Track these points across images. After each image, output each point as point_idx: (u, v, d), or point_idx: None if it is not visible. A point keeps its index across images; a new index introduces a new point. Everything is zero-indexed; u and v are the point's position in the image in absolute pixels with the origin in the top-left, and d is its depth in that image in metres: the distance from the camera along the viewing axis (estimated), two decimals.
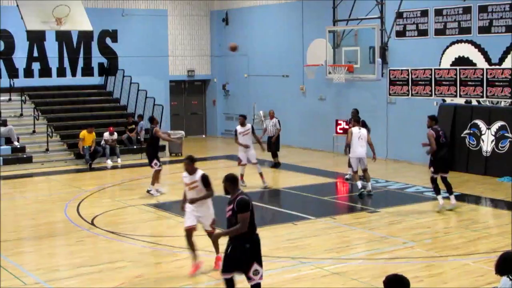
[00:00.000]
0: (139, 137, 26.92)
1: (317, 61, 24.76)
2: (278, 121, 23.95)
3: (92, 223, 15.66)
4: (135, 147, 26.75)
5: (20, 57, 29.59)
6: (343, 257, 12.49)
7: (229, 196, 9.14)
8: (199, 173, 11.65)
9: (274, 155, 23.61)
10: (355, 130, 18.29)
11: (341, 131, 25.50)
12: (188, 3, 33.17)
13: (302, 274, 11.56)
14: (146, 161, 19.96)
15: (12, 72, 29.24)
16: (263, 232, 14.16)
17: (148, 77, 30.97)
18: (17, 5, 26.15)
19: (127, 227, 15.44)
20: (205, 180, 11.59)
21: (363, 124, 19.62)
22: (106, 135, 25.72)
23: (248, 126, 19.82)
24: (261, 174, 19.66)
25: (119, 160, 25.56)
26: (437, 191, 16.28)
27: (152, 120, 19.97)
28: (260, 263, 8.92)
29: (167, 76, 32.76)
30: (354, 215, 16.42)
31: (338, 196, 19.58)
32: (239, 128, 19.72)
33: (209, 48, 33.94)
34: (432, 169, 16.20)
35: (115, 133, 25.97)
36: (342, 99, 26.35)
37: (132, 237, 14.30)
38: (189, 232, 11.72)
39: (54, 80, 30.09)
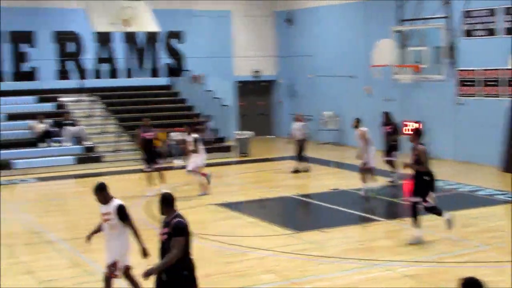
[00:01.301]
0: (206, 138, 27.12)
1: (383, 61, 24.59)
2: (305, 124, 23.49)
3: (160, 222, 15.80)
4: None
5: (89, 59, 30.15)
6: (414, 260, 12.35)
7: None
8: (114, 202, 9.76)
9: (301, 159, 22.99)
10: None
11: (408, 132, 25.27)
12: (252, 3, 33.29)
13: (373, 276, 11.48)
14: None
15: (82, 74, 29.82)
16: (333, 233, 14.23)
17: (214, 78, 31.18)
18: (86, 8, 26.68)
19: (196, 226, 15.48)
20: (121, 211, 9.69)
21: (395, 127, 20.01)
22: (174, 135, 25.98)
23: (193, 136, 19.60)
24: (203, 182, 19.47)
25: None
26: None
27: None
28: None
29: (232, 76, 32.93)
30: (425, 218, 16.19)
31: (407, 198, 19.33)
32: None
33: (274, 49, 33.98)
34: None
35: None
36: (408, 100, 26.05)
37: (201, 236, 14.41)
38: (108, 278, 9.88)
39: (122, 81, 30.59)
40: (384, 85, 26.42)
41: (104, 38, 30.22)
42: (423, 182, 13.17)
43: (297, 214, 17.63)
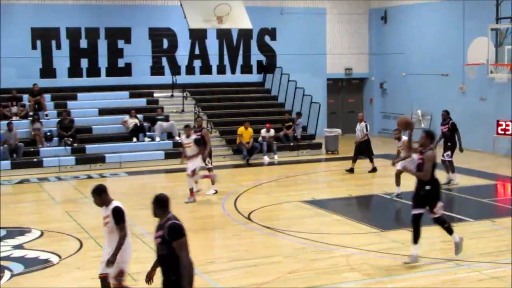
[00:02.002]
0: (296, 135, 27.17)
1: (478, 60, 24.02)
2: (366, 125, 23.00)
3: (249, 218, 15.93)
4: (291, 144, 27.01)
5: (182, 55, 30.59)
6: (502, 261, 12.01)
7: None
8: (112, 205, 9.42)
9: (371, 159, 22.64)
10: None
11: (503, 132, 24.63)
12: (349, 2, 33.06)
13: (459, 277, 11.24)
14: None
15: (175, 69, 30.29)
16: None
17: (305, 75, 31.15)
18: (181, 5, 27.10)
19: (283, 222, 15.60)
20: (116, 214, 9.35)
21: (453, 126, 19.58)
22: (263, 131, 26.10)
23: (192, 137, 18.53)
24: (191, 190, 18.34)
25: (275, 156, 25.86)
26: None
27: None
28: None
29: (324, 74, 32.81)
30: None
31: (499, 199, 18.87)
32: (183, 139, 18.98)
33: (366, 46, 33.67)
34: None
35: (272, 130, 26.28)
36: (504, 99, 25.33)
37: (288, 232, 14.42)
38: (102, 281, 9.53)
39: (214, 77, 30.90)
40: (478, 83, 25.81)
41: (198, 35, 30.59)
42: (424, 192, 11.78)
43: (384, 212, 17.41)
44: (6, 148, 23.85)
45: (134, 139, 26.02)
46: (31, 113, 26.21)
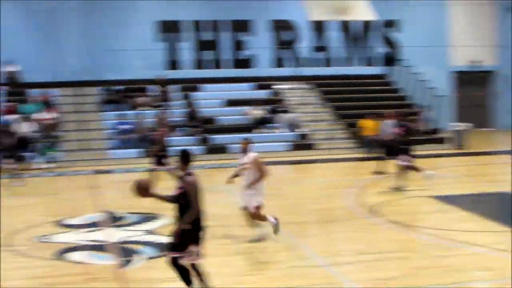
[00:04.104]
0: (420, 128, 26.66)
1: None
2: (395, 123, 21.88)
3: (373, 211, 15.79)
4: (416, 138, 26.52)
5: (304, 47, 30.64)
6: None
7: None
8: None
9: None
10: None
11: None
12: None
13: None
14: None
15: (297, 61, 30.37)
16: None
17: (429, 67, 30.55)
18: None
19: (408, 217, 15.35)
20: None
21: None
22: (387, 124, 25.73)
23: None
24: None
25: None
26: None
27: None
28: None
29: (449, 66, 32.07)
30: None
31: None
32: None
33: (493, 38, 32.63)
34: None
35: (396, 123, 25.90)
36: None
37: (413, 227, 14.20)
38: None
39: (337, 70, 30.79)
40: None
41: (319, 27, 30.54)
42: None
43: None
44: (137, 136, 24.67)
45: (257, 131, 26.27)
46: (158, 104, 26.93)
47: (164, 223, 14.70)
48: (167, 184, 14.13)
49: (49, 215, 15.28)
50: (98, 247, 12.83)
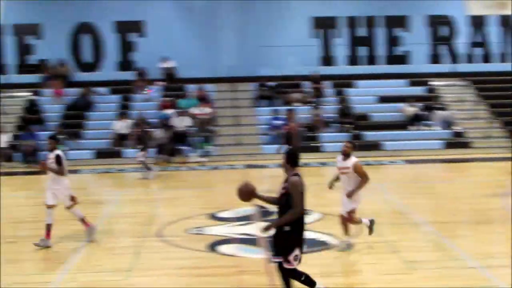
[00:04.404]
0: None
1: None
2: None
3: None
4: None
5: (462, 43, 29.84)
6: None
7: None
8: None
9: None
10: None
11: None
12: None
13: None
14: None
15: (454, 57, 29.62)
16: None
17: None
18: None
19: None
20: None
21: None
22: None
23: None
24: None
25: None
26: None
27: None
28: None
29: None
30: None
31: None
32: None
33: None
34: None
35: None
36: None
37: None
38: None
39: (496, 66, 29.74)
40: None
41: (478, 22, 29.59)
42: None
43: None
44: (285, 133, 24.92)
45: (412, 128, 25.84)
46: (311, 100, 27.06)
47: (314, 219, 14.77)
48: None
49: (202, 207, 15.71)
50: (249, 241, 13.05)
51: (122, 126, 25.49)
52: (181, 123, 25.53)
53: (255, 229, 13.81)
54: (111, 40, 29.73)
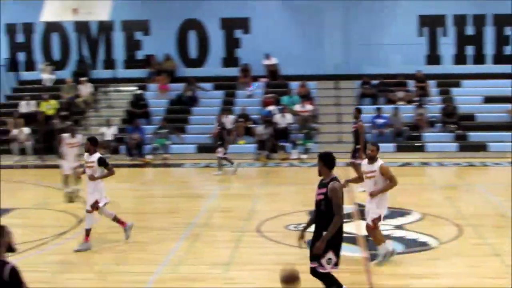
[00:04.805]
0: None
1: None
2: None
3: None
4: None
5: None
6: None
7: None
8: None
9: None
10: None
11: None
12: None
13: None
14: None
15: None
16: None
17: None
18: None
19: None
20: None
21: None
22: None
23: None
24: None
25: None
26: None
27: None
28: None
29: None
30: None
31: None
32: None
33: None
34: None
35: None
36: None
37: None
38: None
39: None
40: None
41: None
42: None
43: None
44: (392, 131, 24.72)
45: None
46: (415, 99, 26.68)
47: (415, 219, 14.56)
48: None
49: (302, 204, 15.71)
50: (349, 239, 12.97)
51: (225, 121, 25.79)
52: (283, 119, 25.62)
53: (355, 227, 13.74)
54: (217, 36, 30.10)
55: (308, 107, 26.28)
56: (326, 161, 8.82)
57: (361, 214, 14.91)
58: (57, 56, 30.88)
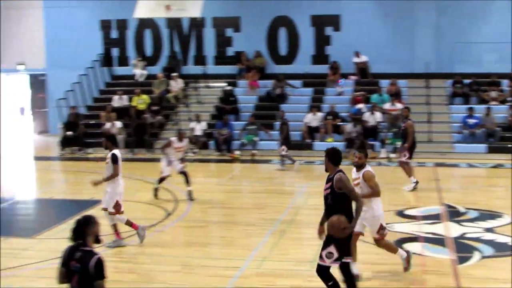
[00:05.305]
0: None
1: None
2: None
3: None
4: None
5: None
6: None
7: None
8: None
9: None
10: None
11: None
12: None
13: None
14: None
15: None
16: None
17: None
18: None
19: None
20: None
21: None
22: None
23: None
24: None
25: None
26: None
27: None
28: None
29: None
30: None
31: None
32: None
33: None
34: None
35: None
36: None
37: None
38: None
39: None
40: None
41: None
42: None
43: None
44: (484, 132, 24.18)
45: None
46: (509, 99, 26.02)
47: (506, 222, 14.20)
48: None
49: (390, 203, 15.54)
50: (436, 240, 12.80)
51: (313, 118, 25.77)
52: (372, 118, 25.39)
53: (443, 229, 13.51)
54: (307, 33, 30.06)
55: (398, 105, 25.95)
56: (332, 157, 8.89)
57: (451, 215, 14.69)
58: (149, 52, 31.51)
